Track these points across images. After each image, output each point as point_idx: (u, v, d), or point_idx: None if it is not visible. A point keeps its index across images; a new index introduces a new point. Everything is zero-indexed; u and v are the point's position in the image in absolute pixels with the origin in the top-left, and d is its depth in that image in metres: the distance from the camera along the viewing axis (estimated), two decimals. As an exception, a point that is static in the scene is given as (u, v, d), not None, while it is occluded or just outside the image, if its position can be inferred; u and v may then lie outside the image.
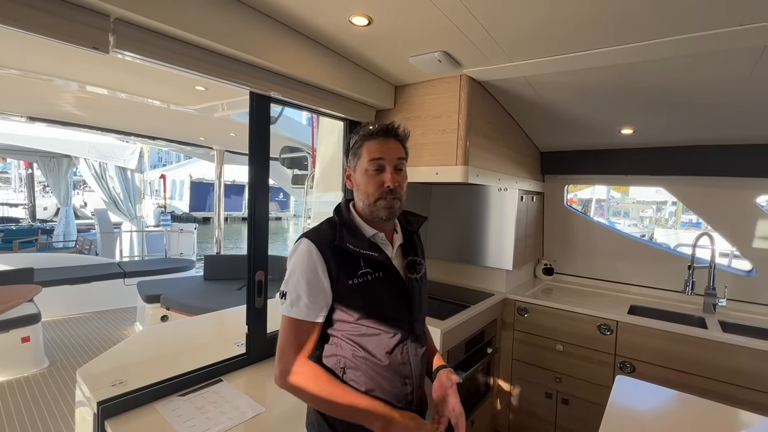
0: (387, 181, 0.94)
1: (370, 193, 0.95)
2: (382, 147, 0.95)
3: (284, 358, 0.90)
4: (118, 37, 1.06)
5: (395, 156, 0.96)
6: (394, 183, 0.94)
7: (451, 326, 1.81)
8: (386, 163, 0.95)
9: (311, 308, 0.90)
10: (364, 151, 0.96)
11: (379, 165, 0.94)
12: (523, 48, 1.46)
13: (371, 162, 0.95)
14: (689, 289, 2.17)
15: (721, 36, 1.19)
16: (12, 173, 16.57)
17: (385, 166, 0.95)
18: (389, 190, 0.94)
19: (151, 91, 2.56)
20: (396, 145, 0.98)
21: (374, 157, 0.95)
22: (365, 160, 0.95)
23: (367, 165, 0.95)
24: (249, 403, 1.26)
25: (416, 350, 0.99)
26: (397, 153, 0.97)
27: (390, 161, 0.95)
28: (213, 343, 1.73)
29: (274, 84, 1.49)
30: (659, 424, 1.20)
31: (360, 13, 1.27)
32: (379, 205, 0.94)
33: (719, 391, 1.76)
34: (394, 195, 0.95)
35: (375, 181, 0.94)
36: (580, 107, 2.03)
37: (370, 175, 0.95)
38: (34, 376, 3.01)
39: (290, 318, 0.91)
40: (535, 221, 2.79)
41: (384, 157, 0.95)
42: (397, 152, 0.97)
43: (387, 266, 0.96)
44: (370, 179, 0.95)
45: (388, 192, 0.94)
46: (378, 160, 0.94)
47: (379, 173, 0.95)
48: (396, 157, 0.96)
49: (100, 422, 1.12)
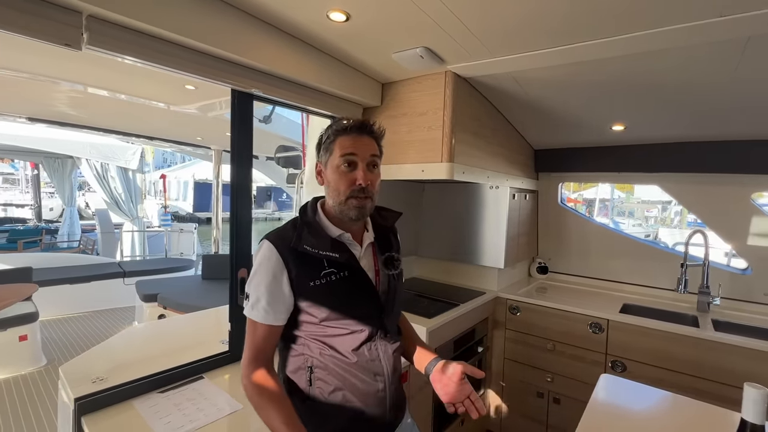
0: (359, 179, 0.90)
1: (341, 191, 0.91)
2: (356, 143, 0.92)
3: (243, 358, 0.90)
4: (91, 34, 1.06)
5: (368, 153, 0.93)
6: (366, 181, 0.90)
7: (438, 324, 1.80)
8: (359, 160, 0.91)
9: (269, 312, 0.89)
10: (337, 146, 0.92)
11: (351, 161, 0.91)
12: (503, 43, 1.45)
13: (343, 158, 0.91)
14: (682, 288, 2.14)
15: (703, 27, 1.17)
16: (19, 174, 16.80)
17: (357, 162, 0.91)
18: (360, 189, 0.90)
19: (144, 90, 2.57)
20: (370, 141, 0.94)
21: (346, 152, 0.91)
22: (337, 156, 0.92)
23: (338, 161, 0.91)
24: (227, 400, 1.26)
25: (386, 346, 0.97)
26: (370, 150, 0.94)
27: (363, 158, 0.92)
28: (201, 341, 1.73)
29: (255, 81, 1.48)
30: (642, 425, 1.18)
31: (337, 8, 1.26)
32: (350, 204, 0.91)
33: (712, 391, 1.73)
34: (366, 194, 0.91)
35: (346, 179, 0.91)
36: (568, 103, 2.01)
37: (342, 171, 0.91)
38: (31, 374, 3.05)
39: (250, 319, 0.91)
40: (529, 219, 2.76)
41: (356, 153, 0.91)
42: (371, 149, 0.94)
43: (352, 266, 0.93)
44: (341, 176, 0.91)
45: (359, 190, 0.90)
46: (350, 156, 0.91)
47: (351, 170, 0.91)
48: (369, 153, 0.93)
49: (77, 418, 1.13)
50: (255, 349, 0.90)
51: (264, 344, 0.90)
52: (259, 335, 0.90)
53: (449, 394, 0.93)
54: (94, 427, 1.09)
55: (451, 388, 0.93)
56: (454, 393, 0.93)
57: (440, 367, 0.98)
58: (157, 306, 3.66)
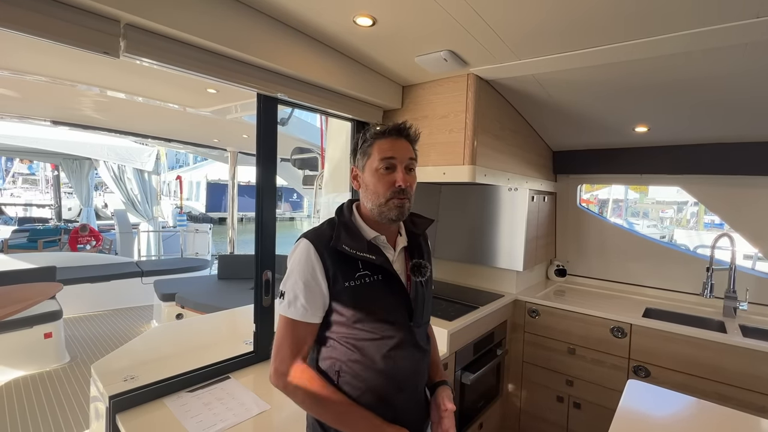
0: (398, 181, 0.92)
1: (381, 193, 0.93)
2: (394, 146, 0.94)
3: (278, 357, 0.90)
4: (128, 42, 1.09)
5: (406, 156, 0.95)
6: (406, 183, 0.93)
7: (459, 327, 1.79)
8: (397, 163, 0.93)
9: (308, 309, 0.89)
10: (375, 150, 0.95)
11: (391, 164, 0.93)
12: (530, 45, 1.44)
13: (382, 161, 0.93)
14: (708, 292, 2.10)
15: (738, 29, 1.15)
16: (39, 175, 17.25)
17: (396, 165, 0.93)
18: (400, 190, 0.92)
19: (166, 94, 2.63)
20: (407, 145, 0.97)
21: (386, 156, 0.93)
22: (376, 159, 0.94)
23: (378, 164, 0.93)
24: (255, 400, 1.27)
25: (414, 356, 0.96)
26: (408, 153, 0.96)
27: (401, 161, 0.94)
28: (223, 341, 1.76)
29: (280, 85, 1.51)
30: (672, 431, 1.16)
31: (364, 13, 1.28)
32: (390, 205, 0.92)
33: (738, 397, 1.70)
34: (405, 195, 0.93)
35: (386, 181, 0.93)
36: (590, 105, 1.98)
37: (381, 174, 0.93)
38: (56, 370, 3.13)
39: (287, 318, 0.91)
40: (547, 222, 2.74)
41: (395, 156, 0.93)
42: (408, 152, 0.96)
43: (386, 269, 0.93)
44: (380, 179, 0.93)
45: (399, 191, 0.92)
46: (389, 159, 0.93)
47: (390, 173, 0.93)
48: (407, 157, 0.95)
49: (112, 416, 1.16)
50: (294, 347, 0.90)
51: (302, 342, 0.91)
52: (297, 333, 0.91)
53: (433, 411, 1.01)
54: (129, 424, 1.12)
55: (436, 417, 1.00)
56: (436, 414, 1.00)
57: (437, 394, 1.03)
58: (175, 305, 3.73)
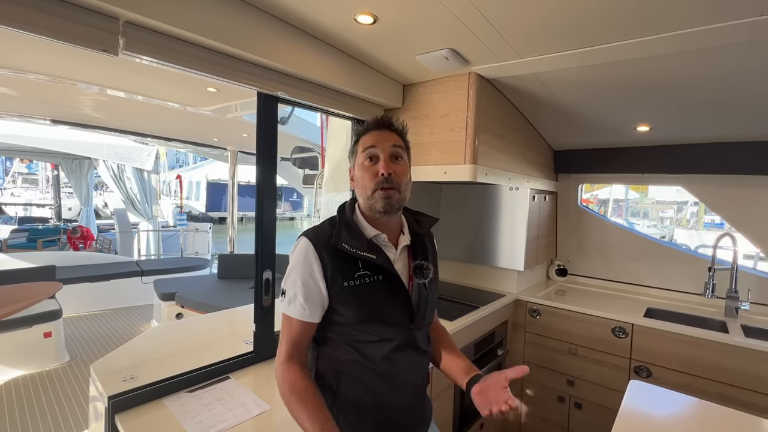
0: (381, 169, 0.89)
1: (367, 186, 0.91)
2: (375, 137, 0.93)
3: (278, 353, 0.91)
4: (127, 40, 1.08)
5: (389, 144, 0.92)
6: (388, 170, 0.89)
7: (460, 327, 1.79)
8: (379, 152, 0.91)
9: (306, 308, 0.89)
10: (360, 146, 0.95)
11: (373, 154, 0.91)
12: (532, 44, 1.43)
13: (364, 152, 0.92)
14: (709, 292, 2.09)
15: (742, 27, 1.14)
16: (39, 175, 17.24)
17: (378, 154, 0.91)
18: (384, 179, 0.89)
19: (165, 93, 2.61)
20: (390, 134, 0.94)
21: (367, 146, 0.92)
22: (360, 153, 0.94)
23: (362, 158, 0.93)
24: (255, 400, 1.26)
25: (414, 358, 0.95)
26: (390, 141, 0.93)
27: (384, 149, 0.91)
28: (223, 341, 1.75)
29: (281, 84, 1.49)
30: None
31: (365, 11, 1.27)
32: (376, 197, 0.89)
33: (740, 398, 1.69)
34: (391, 184, 0.89)
35: (370, 172, 0.91)
36: (592, 104, 1.97)
37: (366, 167, 0.92)
38: (55, 370, 3.12)
39: (287, 315, 0.91)
40: (548, 221, 2.73)
41: (376, 145, 0.91)
42: (391, 140, 0.93)
43: (386, 269, 0.91)
44: (365, 171, 0.92)
45: (383, 180, 0.89)
46: (370, 148, 0.92)
47: (374, 164, 0.91)
48: (390, 144, 0.92)
49: (111, 416, 1.15)
50: (291, 346, 0.90)
51: (299, 341, 0.90)
52: (294, 332, 0.90)
53: (489, 405, 0.85)
54: (128, 425, 1.11)
55: (491, 396, 0.86)
56: (494, 401, 0.85)
57: (482, 382, 0.92)
58: (175, 305, 3.72)
